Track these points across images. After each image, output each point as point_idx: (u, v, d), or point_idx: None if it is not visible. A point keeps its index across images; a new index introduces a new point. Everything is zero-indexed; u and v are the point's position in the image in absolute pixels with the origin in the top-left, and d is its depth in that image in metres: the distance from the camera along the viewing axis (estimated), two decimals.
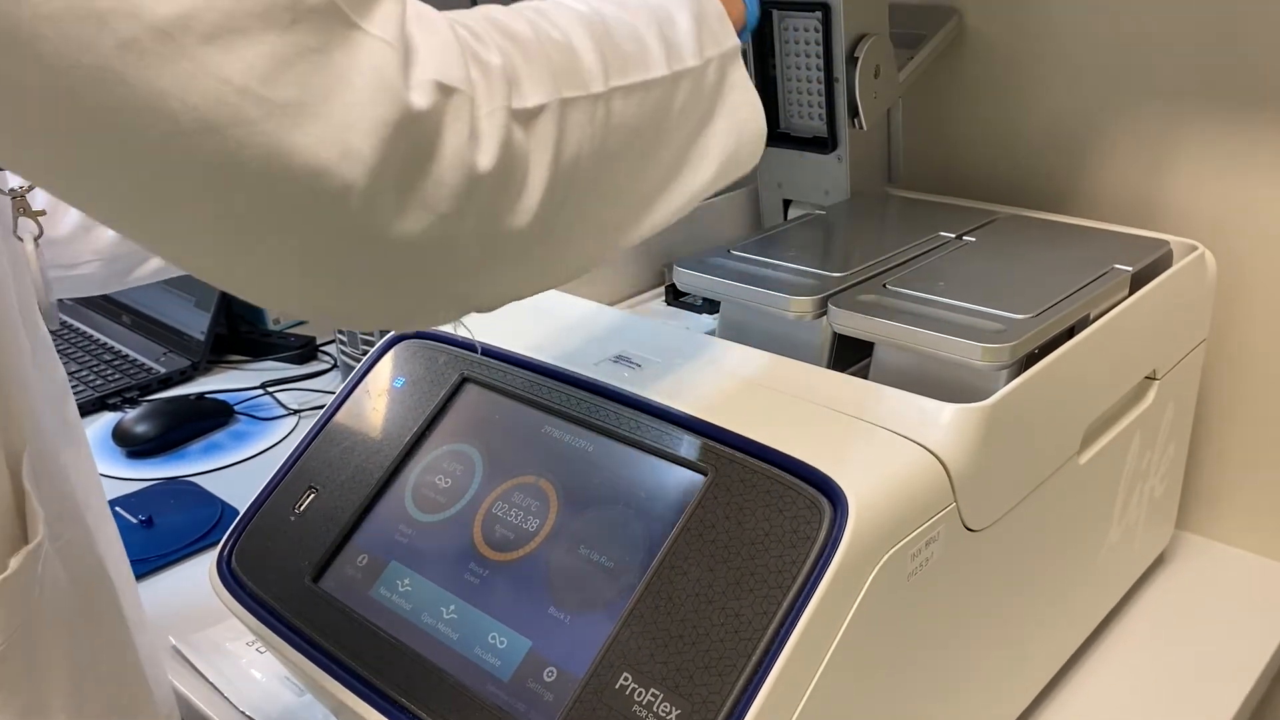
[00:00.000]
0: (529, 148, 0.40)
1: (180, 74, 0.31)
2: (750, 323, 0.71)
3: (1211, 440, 0.87)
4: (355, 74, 0.34)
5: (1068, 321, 0.63)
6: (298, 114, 0.33)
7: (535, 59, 0.41)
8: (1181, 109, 0.81)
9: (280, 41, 0.33)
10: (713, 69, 0.51)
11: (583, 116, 0.43)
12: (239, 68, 0.32)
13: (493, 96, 0.39)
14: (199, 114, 0.32)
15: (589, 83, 0.44)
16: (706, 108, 0.52)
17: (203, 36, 0.31)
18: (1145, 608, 0.82)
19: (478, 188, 0.38)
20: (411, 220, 0.37)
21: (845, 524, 0.48)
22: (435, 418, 0.64)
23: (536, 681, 0.51)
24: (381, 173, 0.35)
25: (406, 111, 0.35)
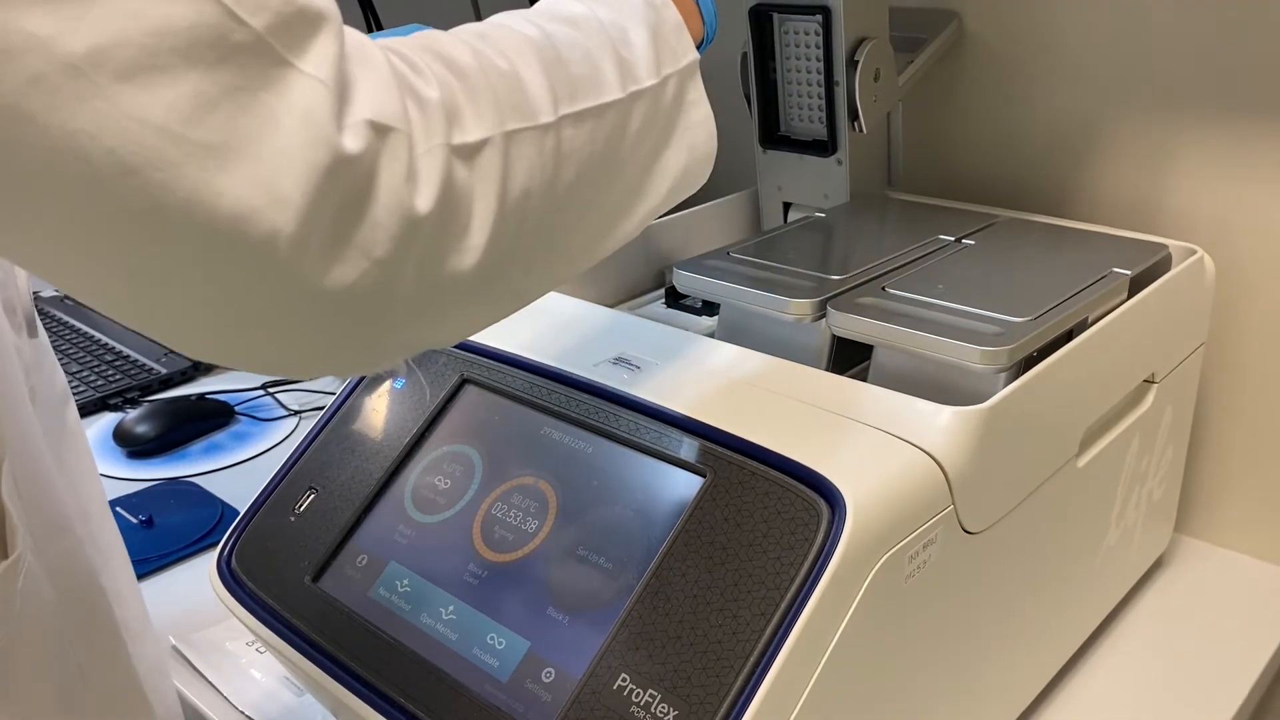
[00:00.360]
0: (472, 184, 0.39)
1: (94, 113, 0.30)
2: (749, 325, 0.72)
3: (1210, 444, 0.87)
4: (285, 115, 0.32)
5: (1066, 325, 0.63)
6: (222, 156, 0.31)
7: (478, 90, 0.40)
8: (1181, 113, 0.81)
9: (204, 80, 0.31)
10: (670, 86, 0.50)
11: (530, 149, 0.41)
12: (159, 107, 0.30)
13: (431, 134, 0.37)
14: (115, 156, 0.30)
15: (537, 113, 0.42)
16: (664, 126, 0.50)
17: (118, 73, 0.30)
18: (1143, 611, 0.82)
19: (417, 231, 0.36)
20: (346, 268, 0.35)
21: (843, 526, 0.48)
22: (435, 419, 0.64)
23: (535, 682, 0.51)
24: (312, 218, 0.33)
25: (339, 155, 0.33)
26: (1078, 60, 0.85)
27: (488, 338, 0.66)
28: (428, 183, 0.36)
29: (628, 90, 0.47)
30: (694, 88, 0.51)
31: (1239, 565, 0.87)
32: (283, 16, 0.33)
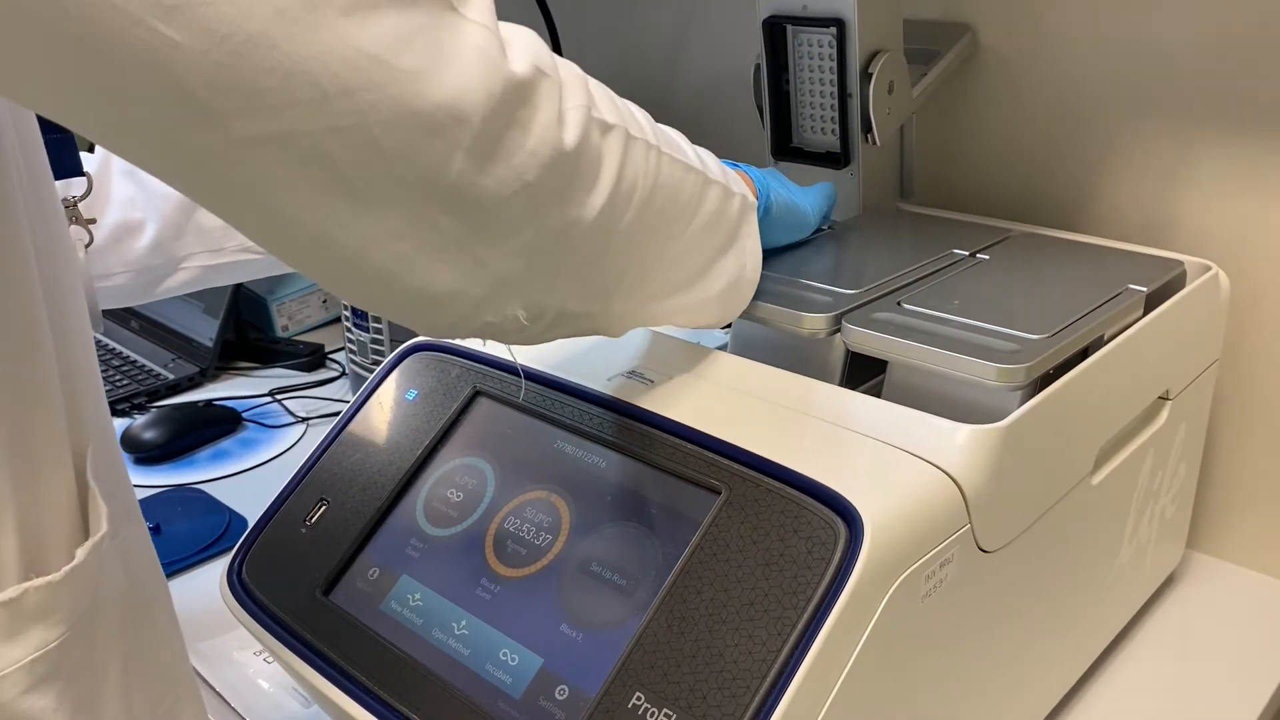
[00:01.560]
0: (602, 150, 0.45)
1: (323, 42, 0.35)
2: (763, 339, 0.71)
3: (1223, 461, 0.87)
4: (464, 49, 0.38)
5: (1082, 342, 0.63)
6: (419, 80, 0.37)
7: (607, 94, 0.47)
8: (1196, 128, 0.81)
9: (402, 18, 0.37)
10: (736, 203, 0.58)
11: (640, 154, 0.48)
12: (370, 38, 0.36)
13: (576, 94, 0.44)
14: (339, 80, 0.35)
15: (645, 134, 0.49)
16: (727, 232, 0.58)
17: (342, 9, 0.35)
18: (1156, 627, 0.81)
19: (560, 164, 0.42)
20: (503, 186, 0.41)
21: (861, 545, 0.48)
22: (447, 431, 0.64)
23: (548, 699, 0.51)
24: (485, 134, 0.39)
25: (510, 80, 0.40)
26: (1092, 74, 0.85)
27: (500, 349, 0.66)
28: (572, 129, 0.43)
29: (705, 170, 0.55)
30: (751, 221, 0.60)
31: (1251, 582, 0.87)
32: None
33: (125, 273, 0.81)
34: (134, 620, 0.51)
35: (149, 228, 0.81)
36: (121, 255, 0.80)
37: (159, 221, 0.81)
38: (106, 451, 0.51)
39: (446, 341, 0.69)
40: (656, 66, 0.49)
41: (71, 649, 0.45)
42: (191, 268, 0.84)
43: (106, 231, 0.79)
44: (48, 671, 0.43)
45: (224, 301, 1.28)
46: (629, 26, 1.15)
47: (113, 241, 0.79)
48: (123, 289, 0.82)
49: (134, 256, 0.81)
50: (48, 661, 0.43)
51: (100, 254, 0.79)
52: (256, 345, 1.33)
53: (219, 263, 0.84)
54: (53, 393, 0.45)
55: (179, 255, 0.82)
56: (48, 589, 0.44)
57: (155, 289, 0.84)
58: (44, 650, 0.43)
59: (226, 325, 1.28)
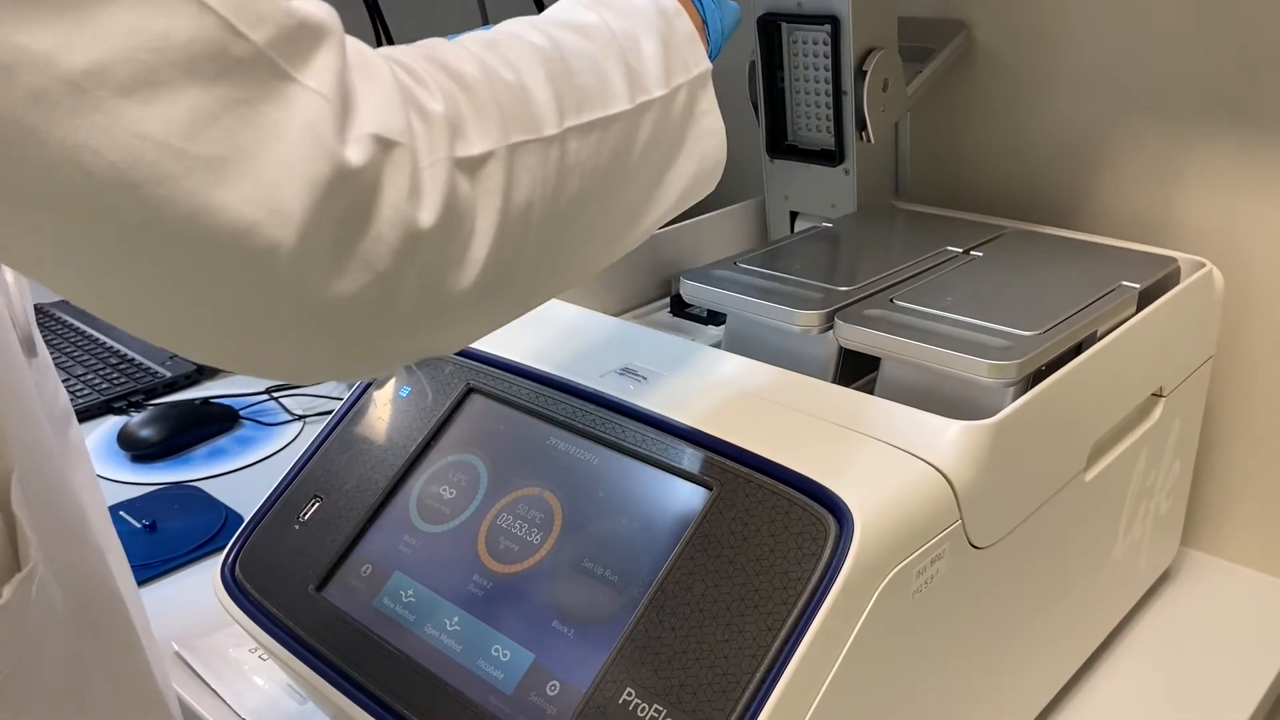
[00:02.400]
0: (475, 197, 0.39)
1: (95, 129, 0.30)
2: (756, 336, 0.71)
3: (1217, 457, 0.87)
4: (287, 128, 0.32)
5: (1075, 338, 0.63)
6: (223, 170, 0.31)
7: (482, 103, 0.40)
8: (1189, 125, 0.81)
9: (204, 94, 0.31)
10: (681, 96, 0.49)
11: (534, 160, 0.41)
12: (159, 122, 0.30)
13: (435, 147, 0.37)
14: (117, 171, 0.30)
15: (541, 125, 0.42)
16: (674, 136, 0.50)
17: (119, 89, 0.30)
18: (1150, 624, 0.82)
19: (419, 244, 0.36)
20: (348, 280, 0.35)
21: (851, 541, 0.48)
22: (440, 428, 0.64)
23: (539, 695, 0.51)
24: (313, 232, 0.33)
25: (341, 168, 0.33)
26: (1086, 71, 0.85)
27: (494, 347, 0.66)
28: (431, 196, 0.36)
29: (636, 101, 0.46)
30: (705, 97, 0.51)
31: (1245, 579, 0.87)
32: (284, 30, 0.33)
33: None
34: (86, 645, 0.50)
35: None
36: None
37: None
38: (44, 474, 0.49)
39: None
40: None
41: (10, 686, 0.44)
42: None
43: None
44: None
45: None
46: None
47: None
48: None
49: None
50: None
51: None
52: None
53: None
54: None
55: None
56: None
57: None
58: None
59: None
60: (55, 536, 0.49)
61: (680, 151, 0.50)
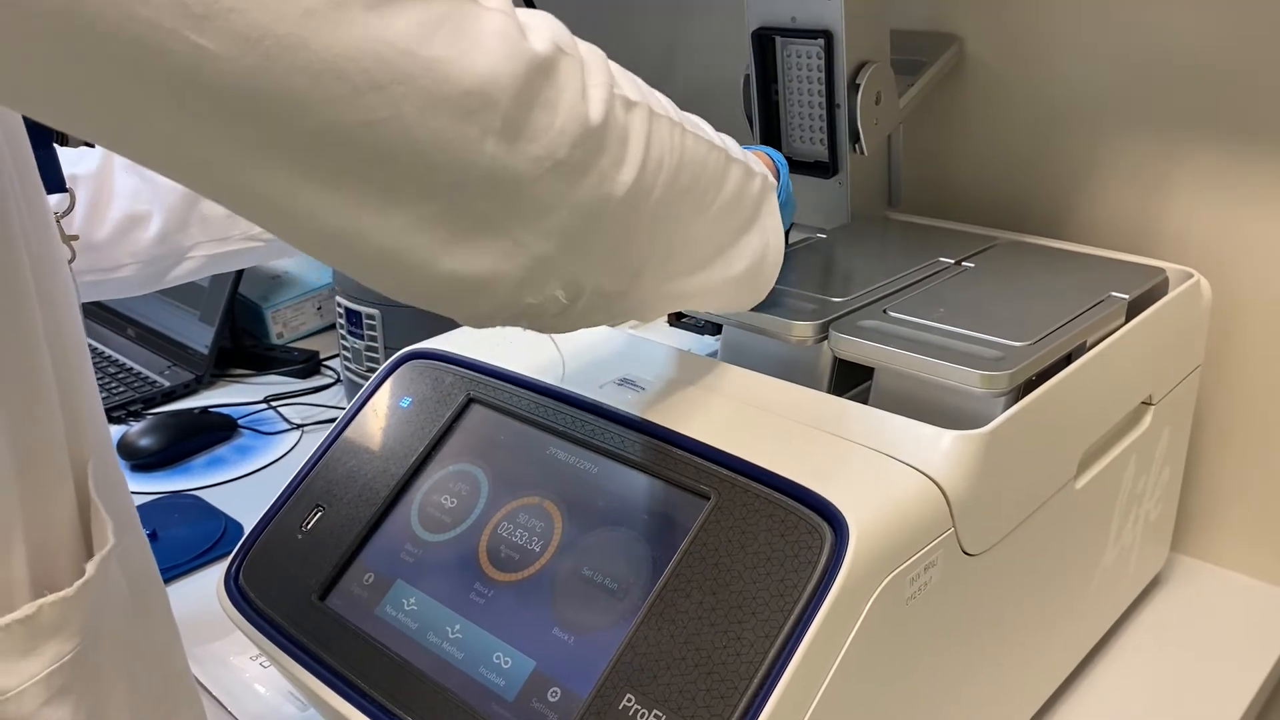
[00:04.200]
0: (628, 126, 0.45)
1: (351, 39, 0.35)
2: (752, 346, 0.72)
3: (1206, 464, 0.88)
4: (485, 35, 0.39)
5: (1065, 349, 0.64)
6: (447, 67, 0.38)
7: (627, 74, 0.47)
8: (1179, 136, 0.82)
9: (425, 9, 0.37)
10: (758, 183, 0.58)
11: (665, 131, 0.48)
12: (397, 31, 0.36)
13: (597, 72, 0.44)
14: (369, 75, 0.36)
15: (668, 111, 0.49)
16: (749, 211, 0.57)
17: (366, 5, 0.36)
18: (1141, 629, 0.83)
19: (588, 140, 0.43)
20: (535, 160, 0.41)
21: (846, 549, 0.49)
22: (441, 437, 0.65)
23: (541, 701, 0.52)
24: (515, 116, 0.40)
25: (533, 61, 0.40)
26: (1076, 83, 0.86)
27: (493, 357, 0.67)
28: (597, 105, 0.43)
29: (728, 149, 0.55)
30: (772, 199, 0.60)
31: (1235, 584, 0.88)
32: None
33: (133, 264, 0.82)
34: (136, 627, 0.52)
35: (155, 219, 0.82)
36: (129, 247, 0.81)
37: (164, 213, 0.82)
38: (106, 463, 0.52)
39: (441, 348, 0.70)
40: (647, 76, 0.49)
41: (84, 660, 0.46)
42: (198, 257, 0.85)
43: (113, 224, 0.80)
44: (64, 684, 0.44)
45: (219, 309, 1.28)
46: (619, 36, 1.16)
47: (119, 234, 0.81)
48: (132, 279, 0.83)
49: (141, 248, 0.82)
50: (63, 674, 0.44)
51: (108, 247, 0.80)
52: (252, 352, 1.34)
53: (224, 250, 0.86)
54: (53, 409, 0.46)
55: (185, 245, 0.84)
56: (61, 604, 0.44)
57: (164, 278, 0.85)
58: (60, 663, 0.44)
59: (222, 332, 1.29)
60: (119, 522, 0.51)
61: (753, 228, 0.58)
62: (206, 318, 1.31)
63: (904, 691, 0.55)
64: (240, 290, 1.32)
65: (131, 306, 1.43)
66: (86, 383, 0.51)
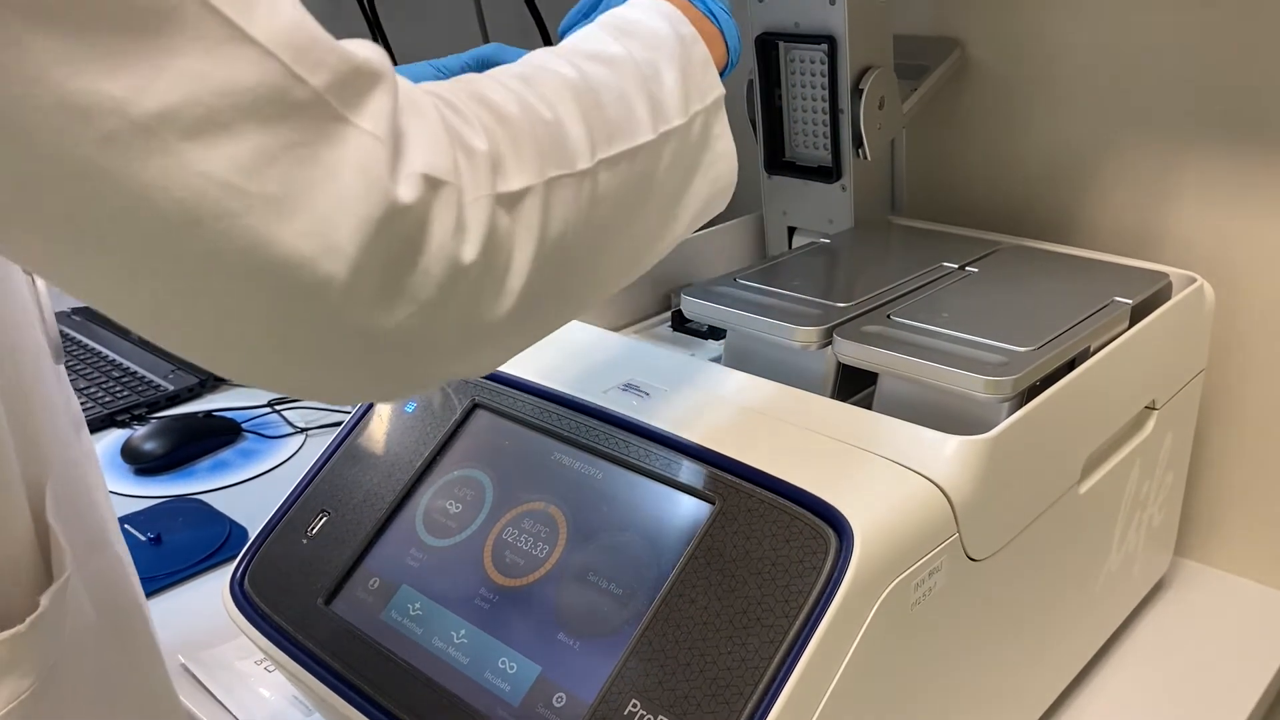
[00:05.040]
0: (514, 232, 0.40)
1: (163, 169, 0.31)
2: (755, 351, 0.73)
3: (1210, 469, 0.88)
4: (342, 169, 0.34)
5: (1069, 354, 0.64)
6: (280, 208, 0.33)
7: (522, 139, 0.41)
8: (1182, 141, 0.82)
9: (265, 136, 0.33)
10: (698, 123, 0.52)
11: (568, 194, 0.43)
12: (222, 162, 0.32)
13: (478, 184, 0.39)
14: (182, 208, 0.32)
15: (575, 160, 0.44)
16: (691, 161, 0.52)
17: (185, 132, 0.31)
18: (1144, 634, 0.83)
19: (462, 278, 0.38)
20: (394, 312, 0.37)
21: (850, 554, 0.49)
22: (446, 443, 0.65)
23: (546, 707, 0.52)
24: (364, 267, 0.35)
25: (393, 207, 0.35)
26: (1080, 88, 0.86)
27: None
28: (474, 232, 0.38)
29: (659, 131, 0.49)
30: (718, 121, 0.53)
31: (1238, 589, 0.88)
32: (341, 75, 0.34)
33: None
34: (108, 649, 0.51)
35: None
36: None
37: None
38: (71, 482, 0.51)
39: None
40: None
41: (44, 695, 0.45)
42: None
43: None
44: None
45: None
46: None
47: None
48: None
49: None
50: (22, 711, 0.43)
51: None
52: None
53: None
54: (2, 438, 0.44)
55: None
56: (12, 642, 0.43)
57: None
58: (16, 702, 0.43)
59: None
60: (83, 544, 0.50)
61: (696, 174, 0.53)
62: None
63: (909, 697, 0.55)
64: None
65: None
66: (44, 401, 0.49)
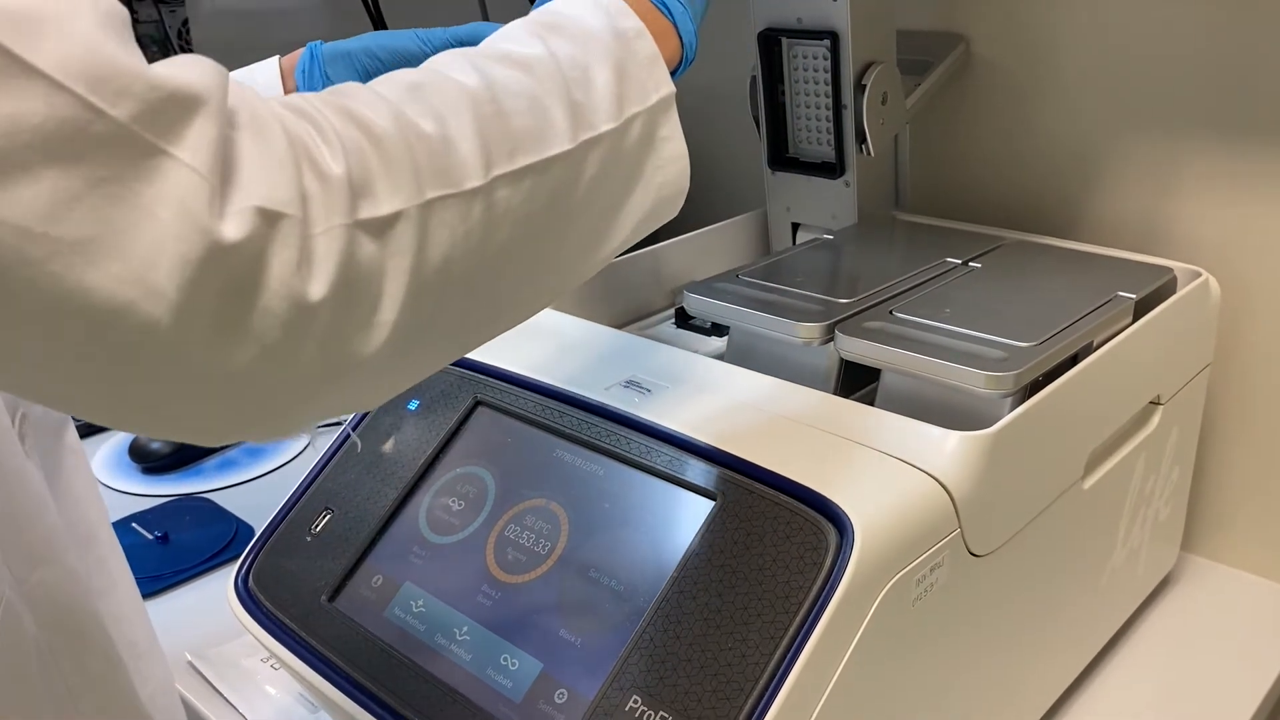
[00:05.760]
0: (382, 260, 0.37)
1: None
2: (758, 347, 0.73)
3: (1216, 464, 0.88)
4: (158, 205, 0.31)
5: (1071, 349, 0.64)
6: (90, 251, 0.30)
7: (394, 158, 0.38)
8: (1186, 135, 0.82)
9: (64, 176, 0.30)
10: (637, 127, 0.47)
11: (453, 215, 0.39)
12: (15, 207, 0.29)
13: (330, 212, 0.35)
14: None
15: (463, 178, 0.40)
16: (629, 169, 0.48)
17: None
18: (1150, 630, 0.82)
19: (312, 316, 0.35)
20: (238, 352, 0.34)
21: (851, 550, 0.49)
22: (448, 441, 0.65)
23: (548, 703, 0.52)
24: (190, 309, 0.32)
25: (216, 246, 0.32)
26: (1084, 83, 0.86)
27: (500, 360, 0.67)
28: (323, 267, 0.35)
29: (580, 139, 0.44)
30: (666, 123, 0.49)
31: (1245, 584, 0.87)
32: (149, 103, 0.31)
33: None
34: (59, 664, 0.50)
35: None
36: None
37: None
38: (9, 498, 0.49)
39: None
40: None
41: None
42: None
43: None
44: None
45: None
46: None
47: None
48: None
49: None
50: None
51: None
52: None
53: None
54: None
55: None
56: None
57: None
58: None
59: None
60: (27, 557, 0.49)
61: (637, 183, 0.48)
62: None
63: (910, 693, 0.55)
64: None
65: None
66: None
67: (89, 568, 0.59)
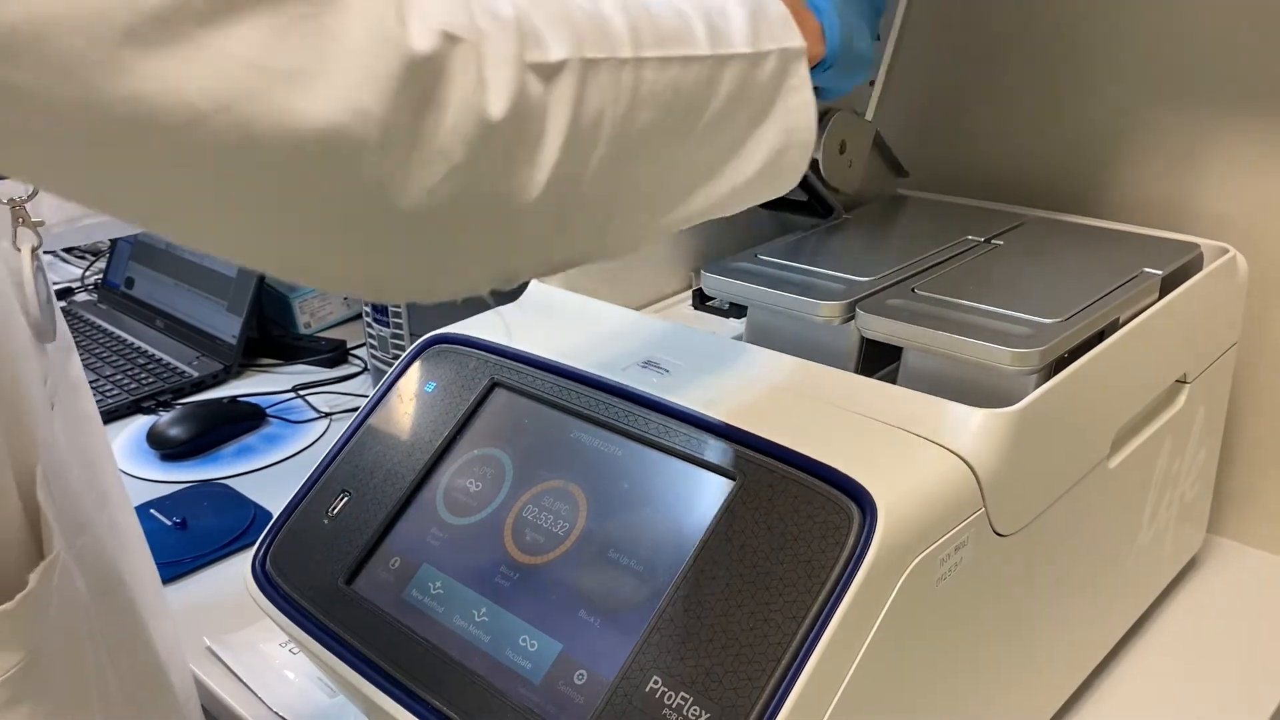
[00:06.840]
0: (546, 101, 0.39)
1: (185, 57, 0.32)
2: (778, 327, 0.72)
3: (1244, 444, 0.86)
4: (352, 30, 0.34)
5: (1097, 325, 0.63)
6: (303, 79, 0.33)
7: (556, 16, 0.41)
8: (1211, 110, 0.81)
9: (273, 13, 0.33)
10: (770, 62, 0.49)
11: (607, 79, 0.42)
12: (239, 43, 0.32)
13: (503, 45, 0.38)
14: (210, 94, 0.32)
15: (616, 47, 0.42)
16: (761, 100, 0.50)
17: (198, 18, 0.32)
18: (1177, 612, 0.81)
19: (491, 135, 0.38)
20: (427, 173, 0.37)
21: (874, 529, 0.48)
22: (466, 422, 0.65)
23: (567, 684, 0.52)
24: (393, 124, 0.35)
25: (410, 59, 0.35)
26: (1108, 58, 0.84)
27: (517, 341, 0.67)
28: (499, 91, 0.38)
29: (717, 51, 0.47)
30: (797, 72, 0.51)
31: (1273, 566, 0.86)
32: None
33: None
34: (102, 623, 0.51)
35: None
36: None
37: None
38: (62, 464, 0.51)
39: (465, 333, 0.69)
40: None
41: (33, 670, 0.45)
42: None
43: None
44: (12, 695, 0.44)
45: (247, 299, 1.29)
46: None
47: None
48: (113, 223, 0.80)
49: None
50: (10, 686, 0.44)
51: None
52: (279, 342, 1.34)
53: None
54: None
55: None
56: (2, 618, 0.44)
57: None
58: (6, 676, 0.44)
59: (250, 323, 1.30)
60: (70, 524, 0.50)
61: (767, 118, 0.50)
62: (234, 308, 1.31)
63: (934, 674, 0.54)
64: (267, 280, 1.33)
65: (160, 297, 1.45)
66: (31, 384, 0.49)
67: (106, 529, 0.59)
